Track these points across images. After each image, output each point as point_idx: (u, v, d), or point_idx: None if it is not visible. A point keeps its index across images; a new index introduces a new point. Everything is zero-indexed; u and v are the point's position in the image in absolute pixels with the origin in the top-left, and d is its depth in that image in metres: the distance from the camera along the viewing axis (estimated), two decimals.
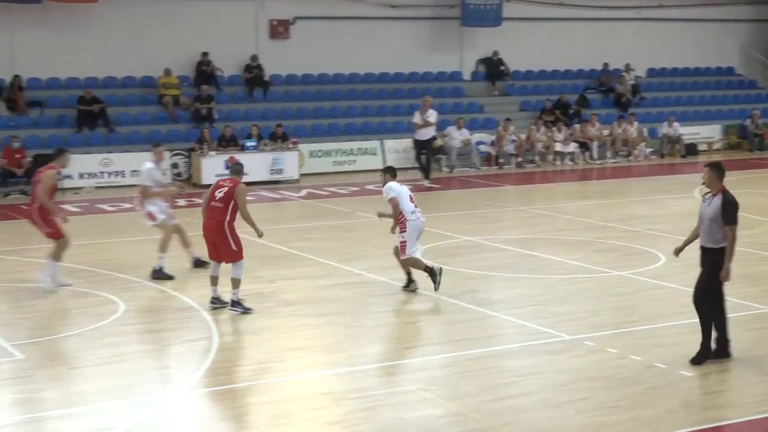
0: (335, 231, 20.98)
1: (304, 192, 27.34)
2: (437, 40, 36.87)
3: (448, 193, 27.94)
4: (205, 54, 32.60)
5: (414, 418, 9.95)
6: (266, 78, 33.73)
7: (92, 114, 30.13)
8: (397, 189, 15.44)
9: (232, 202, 14.06)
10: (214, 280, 14.34)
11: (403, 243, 15.16)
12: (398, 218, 15.23)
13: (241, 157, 28.64)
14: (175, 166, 29.32)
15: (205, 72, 32.63)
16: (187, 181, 29.16)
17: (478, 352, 12.26)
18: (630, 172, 32.58)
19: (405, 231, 15.16)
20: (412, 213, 15.28)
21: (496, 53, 37.07)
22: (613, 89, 38.31)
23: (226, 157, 28.57)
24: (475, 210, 24.03)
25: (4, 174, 27.11)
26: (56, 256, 15.66)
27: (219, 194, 14.13)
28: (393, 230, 15.40)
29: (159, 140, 29.48)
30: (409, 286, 15.39)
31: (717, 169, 11.42)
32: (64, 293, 15.40)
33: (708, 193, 11.50)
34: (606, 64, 38.67)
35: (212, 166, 28.23)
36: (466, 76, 37.73)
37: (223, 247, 14.12)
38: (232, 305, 14.02)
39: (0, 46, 30.50)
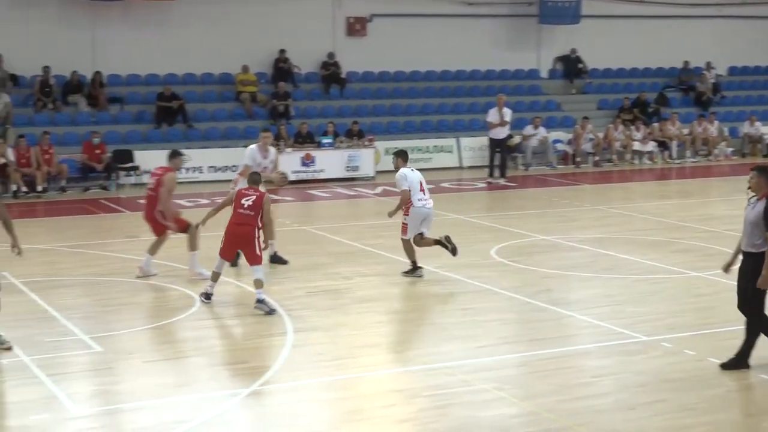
0: None
1: (379, 189, 27.34)
2: (514, 38, 36.68)
3: (524, 191, 27.76)
4: (282, 51, 32.79)
5: (487, 417, 9.90)
6: (343, 75, 33.86)
7: (171, 110, 30.46)
8: (410, 177, 16.03)
9: (261, 210, 14.19)
10: (216, 276, 14.43)
11: (405, 225, 15.99)
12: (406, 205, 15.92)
13: (317, 154, 28.98)
14: None
15: (282, 69, 32.82)
16: None
17: (552, 351, 12.17)
18: (710, 171, 32.13)
19: (408, 215, 15.95)
20: (419, 200, 15.91)
21: (573, 51, 36.78)
22: (693, 88, 37.80)
23: (302, 153, 28.78)
24: (551, 209, 23.85)
25: (84, 169, 27.53)
26: (154, 250, 16.10)
27: (247, 202, 14.21)
28: (391, 215, 16.18)
29: (235, 136, 30.01)
30: (415, 272, 16.02)
31: (765, 173, 11.12)
32: (141, 287, 15.57)
33: (753, 196, 11.22)
34: (686, 62, 38.16)
35: (289, 163, 28.25)
36: (544, 74, 37.50)
37: (249, 252, 14.17)
38: (259, 302, 13.88)
39: (82, 43, 30.97)
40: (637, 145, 33.26)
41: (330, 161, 29.26)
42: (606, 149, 32.91)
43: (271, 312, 13.74)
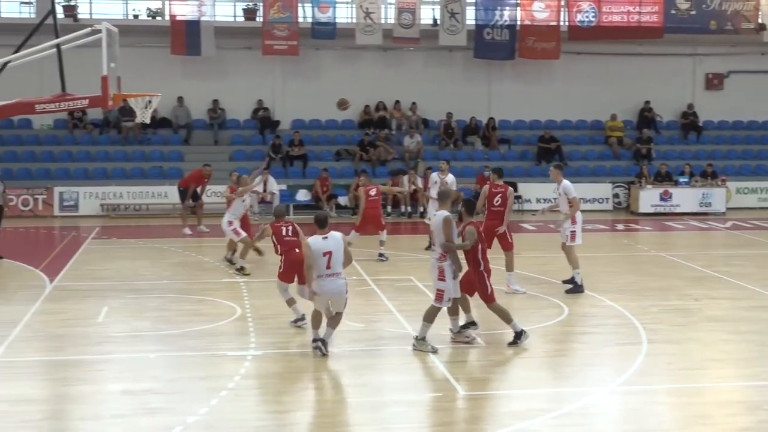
0: (758, 259, 19.71)
1: (729, 224, 25.98)
2: None
3: None
4: (647, 102, 32.05)
5: None
6: (700, 123, 32.58)
7: (549, 150, 30.58)
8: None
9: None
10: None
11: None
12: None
13: (674, 191, 28.05)
14: (616, 196, 29.23)
15: (646, 117, 32.06)
16: (626, 209, 28.91)
17: None
18: None
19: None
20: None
21: None
22: None
23: (661, 190, 27.98)
24: None
25: (476, 196, 28.15)
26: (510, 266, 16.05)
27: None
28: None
29: (602, 174, 29.65)
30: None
31: None
32: (519, 296, 15.64)
33: None
34: None
35: (648, 198, 27.89)
36: None
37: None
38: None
39: (479, 95, 31.82)
40: None
41: (685, 197, 28.19)
42: None
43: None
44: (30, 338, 12.70)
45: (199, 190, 23.82)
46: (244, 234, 17.36)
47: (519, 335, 12.18)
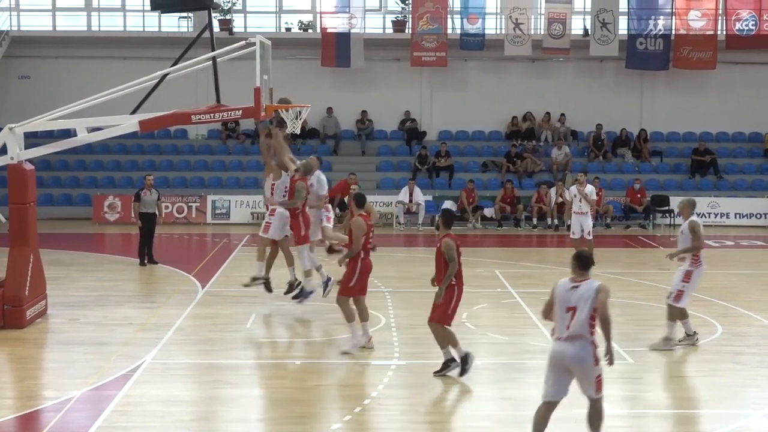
0: None
1: None
2: None
3: None
4: None
5: None
6: None
7: (703, 163, 29.68)
8: None
9: None
10: None
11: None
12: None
13: None
14: None
15: None
16: None
17: None
18: None
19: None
20: None
21: None
22: None
23: None
24: None
25: (626, 210, 27.60)
26: None
27: None
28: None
29: (760, 188, 28.51)
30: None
31: None
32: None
33: None
34: None
35: None
36: None
37: None
38: None
39: (632, 105, 31.17)
40: None
41: None
42: None
43: None
44: (182, 341, 13.14)
45: (346, 199, 24.12)
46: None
47: (448, 364, 11.26)
